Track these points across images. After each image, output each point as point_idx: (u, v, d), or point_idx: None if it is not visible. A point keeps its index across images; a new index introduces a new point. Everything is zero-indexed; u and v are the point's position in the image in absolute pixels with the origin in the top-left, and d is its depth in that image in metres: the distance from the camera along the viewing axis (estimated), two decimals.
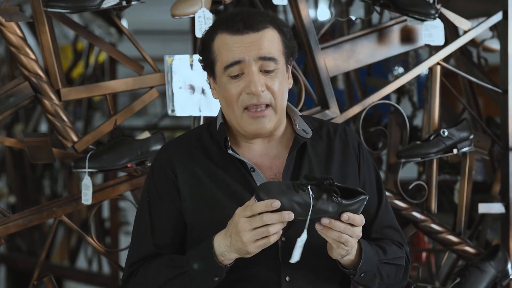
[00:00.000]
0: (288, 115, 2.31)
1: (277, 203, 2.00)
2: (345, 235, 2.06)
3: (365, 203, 2.08)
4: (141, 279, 2.24)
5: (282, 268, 2.17)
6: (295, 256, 2.05)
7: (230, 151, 2.22)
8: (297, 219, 2.02)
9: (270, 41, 2.19)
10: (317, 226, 2.06)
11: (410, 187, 3.35)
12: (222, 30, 2.20)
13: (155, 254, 2.24)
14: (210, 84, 2.29)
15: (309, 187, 2.03)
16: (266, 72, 2.18)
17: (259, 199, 2.02)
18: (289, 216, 2.01)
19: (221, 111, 2.29)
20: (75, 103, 6.37)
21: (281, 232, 2.04)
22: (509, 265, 3.33)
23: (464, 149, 3.36)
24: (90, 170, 2.96)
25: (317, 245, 2.12)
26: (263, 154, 2.27)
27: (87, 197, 2.99)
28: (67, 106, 5.85)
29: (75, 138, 3.03)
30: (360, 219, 2.07)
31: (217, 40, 2.20)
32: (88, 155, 2.97)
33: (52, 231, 3.08)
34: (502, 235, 3.45)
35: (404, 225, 3.43)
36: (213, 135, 2.28)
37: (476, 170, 4.16)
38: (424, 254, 4.47)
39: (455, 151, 3.32)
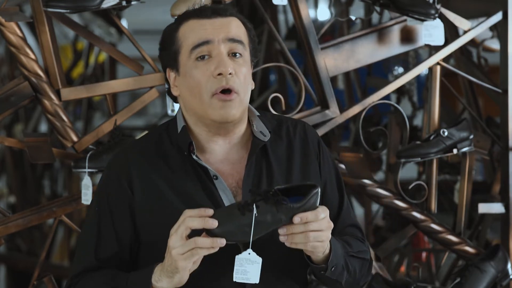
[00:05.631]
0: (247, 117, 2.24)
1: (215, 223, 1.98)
2: (311, 233, 2.02)
3: (319, 194, 2.04)
4: None
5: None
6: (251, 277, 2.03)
7: (195, 157, 2.15)
8: (248, 240, 2.01)
9: (237, 27, 2.17)
10: (281, 238, 2.03)
11: (410, 187, 3.34)
12: (188, 18, 2.17)
13: (97, 267, 2.16)
14: (169, 83, 2.22)
15: (254, 206, 1.99)
16: (234, 56, 2.14)
17: (209, 231, 2.00)
18: (221, 242, 1.98)
19: (181, 112, 2.22)
20: (75, 103, 6.37)
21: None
22: (509, 265, 3.33)
23: (464, 149, 3.36)
24: (90, 170, 2.96)
25: (276, 245, 2.07)
26: (224, 159, 2.19)
27: (87, 197, 2.98)
28: (67, 106, 5.85)
29: (75, 138, 3.03)
30: (313, 214, 2.02)
31: (183, 28, 2.16)
32: (88, 155, 2.97)
33: (52, 231, 3.08)
34: (502, 235, 3.45)
35: (404, 225, 3.43)
36: (172, 139, 2.20)
37: (476, 170, 4.16)
38: (424, 254, 4.47)
39: (455, 151, 3.32)
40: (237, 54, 2.14)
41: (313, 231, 2.03)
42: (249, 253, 2.02)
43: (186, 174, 2.16)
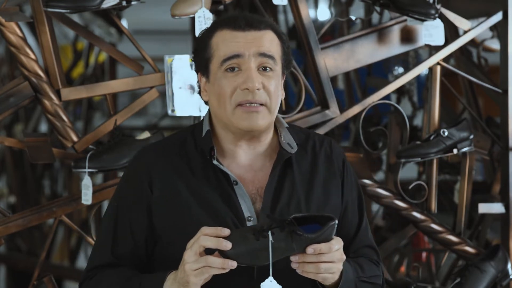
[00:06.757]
0: (275, 126, 2.26)
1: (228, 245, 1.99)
2: (323, 264, 2.04)
3: (335, 227, 2.04)
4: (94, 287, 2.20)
5: None
6: None
7: (215, 162, 2.17)
8: (259, 265, 2.02)
9: (270, 41, 2.18)
10: (293, 266, 2.05)
11: (410, 187, 3.35)
12: (223, 27, 2.18)
13: (113, 263, 2.19)
14: (200, 87, 2.24)
15: (269, 232, 2.00)
16: (264, 70, 2.15)
17: (222, 252, 2.00)
18: (232, 264, 2.00)
19: (208, 116, 2.24)
20: (75, 103, 6.37)
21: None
22: (509, 265, 3.33)
23: (464, 149, 3.36)
24: (90, 170, 2.96)
25: (289, 269, 2.07)
26: (247, 166, 2.21)
27: (87, 197, 2.99)
28: (67, 106, 5.85)
29: (75, 138, 3.03)
30: (327, 246, 2.03)
31: (216, 37, 2.18)
32: (88, 155, 2.97)
33: (52, 231, 3.08)
34: (502, 235, 3.45)
35: (404, 225, 3.43)
36: (197, 142, 2.22)
37: (476, 170, 4.16)
38: (424, 254, 4.47)
39: (455, 151, 3.32)
40: (267, 68, 2.17)
41: (325, 262, 2.04)
42: (271, 281, 2.04)
43: (207, 178, 2.18)
